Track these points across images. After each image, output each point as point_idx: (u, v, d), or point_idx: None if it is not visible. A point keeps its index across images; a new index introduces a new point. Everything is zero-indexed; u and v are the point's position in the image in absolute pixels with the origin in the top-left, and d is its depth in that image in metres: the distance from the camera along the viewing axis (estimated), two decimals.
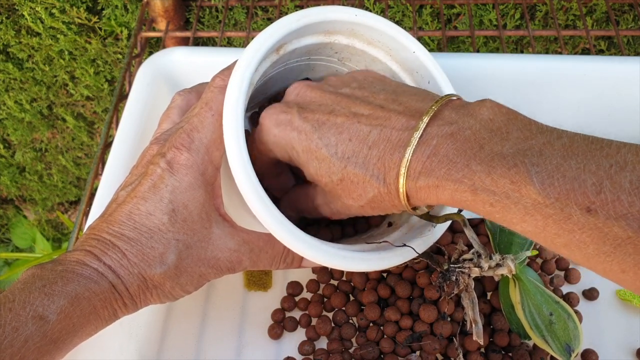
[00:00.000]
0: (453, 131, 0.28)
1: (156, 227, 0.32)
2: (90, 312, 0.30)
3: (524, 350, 0.40)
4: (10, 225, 1.07)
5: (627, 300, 0.43)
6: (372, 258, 0.34)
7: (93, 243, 0.32)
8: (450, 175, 0.27)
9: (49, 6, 0.69)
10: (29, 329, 0.28)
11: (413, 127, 0.29)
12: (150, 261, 0.32)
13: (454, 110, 0.29)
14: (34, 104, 0.85)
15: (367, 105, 0.32)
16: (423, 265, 0.42)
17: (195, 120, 0.34)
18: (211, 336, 0.43)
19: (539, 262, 0.45)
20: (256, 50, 0.34)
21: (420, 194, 0.29)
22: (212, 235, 0.34)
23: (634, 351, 0.41)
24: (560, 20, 0.68)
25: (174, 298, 0.34)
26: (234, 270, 0.35)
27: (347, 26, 0.37)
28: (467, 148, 0.27)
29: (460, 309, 0.41)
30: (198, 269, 0.33)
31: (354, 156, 0.30)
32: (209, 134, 0.34)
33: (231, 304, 0.44)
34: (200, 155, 0.33)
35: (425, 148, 0.28)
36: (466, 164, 0.27)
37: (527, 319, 0.37)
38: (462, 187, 0.27)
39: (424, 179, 0.28)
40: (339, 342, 0.42)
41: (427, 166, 0.28)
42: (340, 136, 0.31)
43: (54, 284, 0.29)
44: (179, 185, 0.32)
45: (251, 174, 0.32)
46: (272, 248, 0.36)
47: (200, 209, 0.33)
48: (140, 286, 0.32)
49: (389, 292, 0.42)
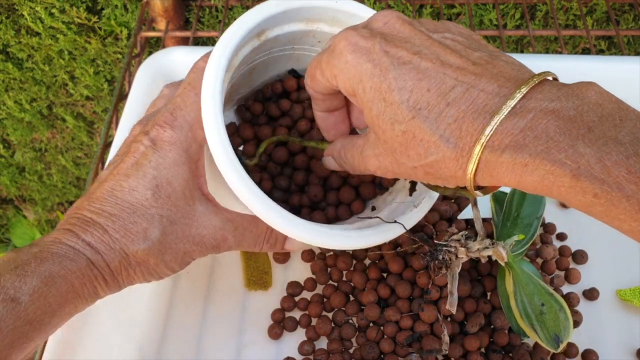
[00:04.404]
0: (555, 108, 0.25)
1: (139, 202, 0.31)
2: (68, 291, 0.30)
3: (524, 350, 0.40)
4: (10, 225, 1.07)
5: (628, 301, 0.43)
6: (354, 235, 0.34)
7: (73, 221, 0.31)
8: (549, 154, 0.24)
9: (49, 6, 0.69)
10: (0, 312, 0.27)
11: (506, 95, 0.26)
12: (132, 237, 0.31)
13: (555, 86, 0.26)
14: (33, 103, 0.85)
15: (458, 57, 0.28)
16: (423, 265, 0.42)
17: (178, 100, 0.34)
18: (211, 336, 0.43)
19: (539, 262, 0.45)
20: (234, 32, 0.34)
21: (498, 171, 0.26)
22: (196, 212, 0.33)
23: (634, 351, 0.41)
24: (560, 20, 0.68)
25: (158, 276, 0.34)
26: (219, 249, 0.35)
27: (329, 13, 0.37)
28: (573, 128, 0.24)
29: (460, 309, 0.41)
30: (183, 246, 0.33)
31: (427, 109, 0.27)
32: (193, 112, 0.33)
33: (231, 304, 0.44)
34: (183, 132, 0.33)
35: (519, 120, 0.25)
36: (571, 144, 0.23)
37: (518, 307, 0.37)
38: (561, 169, 0.24)
39: (510, 154, 0.25)
40: (339, 342, 0.42)
41: (518, 140, 0.25)
42: (418, 83, 0.27)
43: (26, 265, 0.29)
44: (163, 162, 0.32)
45: (230, 152, 0.32)
46: (256, 228, 0.36)
47: (184, 186, 0.33)
48: (122, 262, 0.31)
49: (389, 292, 0.42)
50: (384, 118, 0.28)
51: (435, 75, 0.27)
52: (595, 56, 0.48)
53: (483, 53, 0.28)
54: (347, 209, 0.42)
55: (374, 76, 0.28)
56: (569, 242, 0.46)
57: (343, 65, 0.30)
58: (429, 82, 0.27)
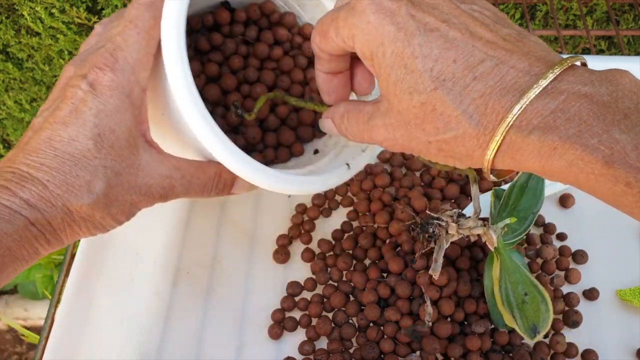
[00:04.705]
0: (588, 92, 0.23)
1: (80, 153, 0.29)
2: (4, 255, 0.28)
3: (524, 350, 0.40)
4: None
5: (627, 300, 0.43)
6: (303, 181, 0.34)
7: (8, 177, 0.29)
8: (580, 137, 0.23)
9: (49, 6, 0.69)
10: None
11: (537, 74, 0.24)
12: (75, 191, 0.29)
13: (586, 71, 0.25)
14: (33, 103, 0.85)
15: (488, 30, 0.26)
16: (423, 264, 0.42)
17: (118, 39, 0.31)
18: (211, 336, 0.43)
19: (540, 262, 0.45)
20: None
21: (522, 153, 0.25)
22: (141, 161, 0.32)
23: (634, 351, 0.41)
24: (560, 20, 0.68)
25: (105, 229, 0.32)
26: (167, 198, 0.33)
27: None
28: (607, 113, 0.23)
29: (461, 309, 0.41)
30: (129, 197, 0.31)
31: (452, 81, 0.25)
32: (135, 53, 0.31)
33: (231, 303, 0.44)
34: (125, 75, 0.30)
35: (550, 101, 0.24)
36: (605, 130, 0.22)
37: (501, 293, 0.38)
38: (592, 155, 0.23)
39: (539, 135, 0.24)
40: (339, 342, 0.42)
41: (547, 121, 0.24)
42: (445, 52, 0.26)
43: None
44: (104, 108, 0.30)
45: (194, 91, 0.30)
46: (204, 174, 0.34)
47: (128, 134, 0.31)
48: (65, 219, 0.30)
49: (389, 292, 0.42)
50: (402, 86, 0.27)
51: (463, 47, 0.26)
52: (595, 56, 0.48)
53: (512, 30, 0.27)
54: (287, 151, 0.40)
55: (397, 40, 0.26)
56: (569, 242, 0.46)
57: (364, 26, 0.27)
58: (456, 53, 0.26)
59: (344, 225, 0.48)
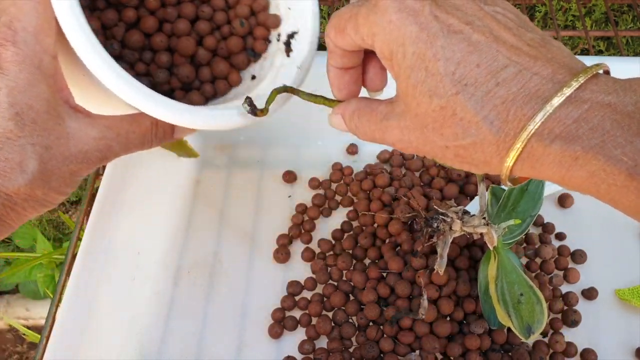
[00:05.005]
0: (612, 102, 0.23)
1: (3, 136, 0.28)
2: None
3: (523, 349, 0.40)
4: None
5: (627, 300, 0.43)
6: (220, 114, 0.33)
7: None
8: (603, 148, 0.22)
9: None
10: None
11: (560, 82, 0.24)
12: (8, 175, 0.29)
13: (610, 79, 0.24)
14: None
15: (512, 35, 0.26)
16: (422, 264, 0.42)
17: (12, 10, 0.29)
18: (212, 335, 0.43)
19: (538, 261, 0.45)
20: None
21: (542, 162, 0.24)
22: (69, 129, 0.30)
23: (633, 350, 0.41)
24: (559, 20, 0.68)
25: (52, 204, 0.32)
26: (106, 159, 0.32)
27: None
28: (632, 124, 0.22)
29: (460, 308, 0.41)
30: (67, 167, 0.31)
31: (474, 86, 0.25)
32: (33, 20, 0.29)
33: (231, 303, 0.45)
34: (29, 46, 0.29)
35: (573, 110, 0.23)
36: (630, 141, 0.22)
37: (497, 292, 0.38)
38: (615, 166, 0.22)
39: (561, 144, 0.23)
40: (339, 341, 0.42)
41: (571, 131, 0.23)
42: (468, 56, 0.25)
43: None
44: (16, 85, 0.28)
45: (92, 38, 0.29)
46: (139, 127, 0.33)
47: (48, 106, 0.30)
48: (5, 205, 0.29)
49: (388, 292, 0.42)
50: (422, 89, 0.26)
51: (487, 51, 0.25)
52: (594, 57, 0.48)
53: (535, 35, 0.26)
54: (225, 83, 0.39)
55: (420, 41, 0.26)
56: (568, 241, 0.47)
57: (386, 25, 0.27)
58: (479, 57, 0.25)
59: (344, 225, 0.48)
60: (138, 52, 0.38)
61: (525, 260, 0.45)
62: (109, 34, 0.38)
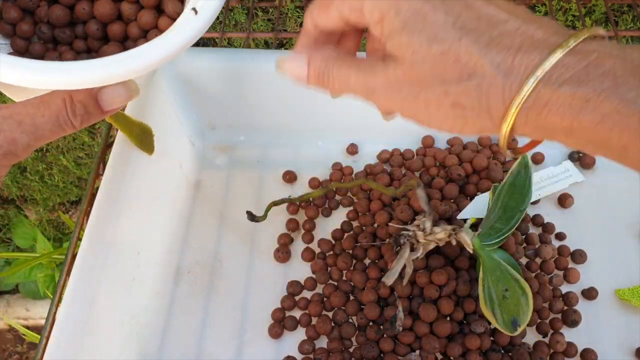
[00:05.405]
0: (618, 54, 0.23)
1: None
2: None
3: (523, 349, 0.40)
4: (11, 225, 1.07)
5: (626, 300, 0.43)
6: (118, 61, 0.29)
7: None
8: (617, 91, 0.22)
9: None
10: None
11: (564, 34, 0.24)
12: None
13: (611, 41, 0.24)
14: None
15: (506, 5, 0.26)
16: (422, 264, 0.42)
17: None
18: (211, 335, 0.43)
19: (538, 261, 0.45)
20: None
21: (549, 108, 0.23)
22: None
23: (632, 350, 0.41)
24: (559, 20, 0.68)
25: None
26: (16, 155, 0.29)
27: None
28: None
29: (460, 308, 0.41)
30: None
31: (477, 32, 0.24)
32: None
33: (231, 303, 0.45)
34: None
35: (582, 57, 0.23)
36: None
37: (484, 293, 0.38)
38: (628, 108, 0.22)
39: (571, 87, 0.23)
40: (339, 341, 0.42)
41: (581, 75, 0.22)
42: (467, 11, 0.25)
43: None
44: None
45: None
46: (49, 107, 0.30)
47: None
48: None
49: (388, 292, 0.42)
50: (420, 37, 0.25)
51: (486, 8, 0.25)
52: None
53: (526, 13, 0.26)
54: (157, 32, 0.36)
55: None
56: (567, 241, 0.47)
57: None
58: (479, 12, 0.25)
59: (344, 225, 0.48)
60: (69, 29, 0.37)
61: (526, 260, 0.45)
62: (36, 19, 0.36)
